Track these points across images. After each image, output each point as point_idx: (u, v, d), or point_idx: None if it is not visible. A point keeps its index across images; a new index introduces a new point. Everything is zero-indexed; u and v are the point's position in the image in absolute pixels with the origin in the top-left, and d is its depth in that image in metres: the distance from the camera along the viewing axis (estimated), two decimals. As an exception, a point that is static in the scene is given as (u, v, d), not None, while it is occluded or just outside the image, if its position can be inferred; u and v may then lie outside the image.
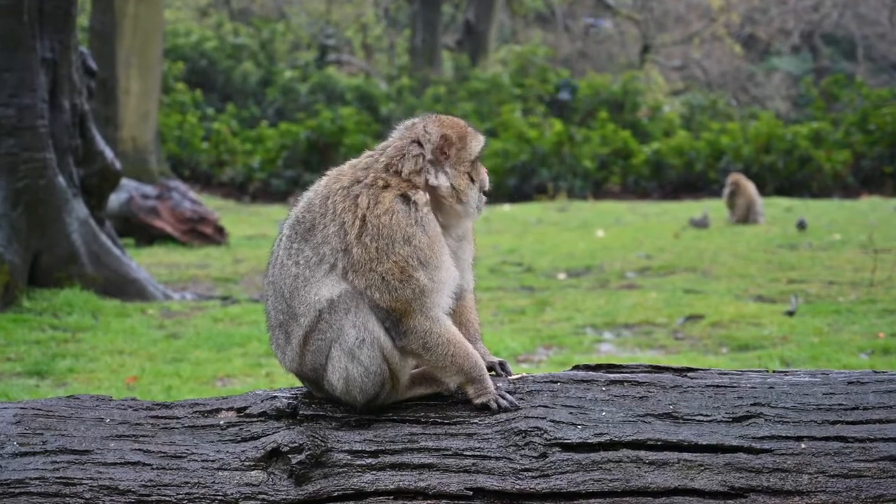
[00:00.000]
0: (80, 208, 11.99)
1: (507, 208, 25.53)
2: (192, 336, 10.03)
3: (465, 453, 3.54)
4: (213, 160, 30.84)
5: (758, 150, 29.59)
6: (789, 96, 45.36)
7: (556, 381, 3.73)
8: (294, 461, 3.54)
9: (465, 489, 3.48)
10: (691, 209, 22.89)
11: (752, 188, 20.17)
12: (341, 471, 3.56)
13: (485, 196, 3.84)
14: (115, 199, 16.19)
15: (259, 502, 3.52)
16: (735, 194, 19.96)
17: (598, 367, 3.82)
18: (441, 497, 3.48)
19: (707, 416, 3.56)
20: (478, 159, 3.83)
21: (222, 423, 3.72)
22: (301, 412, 3.71)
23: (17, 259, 11.19)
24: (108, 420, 3.75)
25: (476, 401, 3.66)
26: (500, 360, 3.90)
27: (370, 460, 3.56)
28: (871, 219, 19.72)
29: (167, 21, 34.02)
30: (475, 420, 3.63)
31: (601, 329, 10.41)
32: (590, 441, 3.51)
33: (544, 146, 29.65)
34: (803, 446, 3.46)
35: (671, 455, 3.47)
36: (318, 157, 29.57)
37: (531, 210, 25.20)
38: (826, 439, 3.48)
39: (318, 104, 34.03)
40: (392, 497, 3.50)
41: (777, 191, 28.12)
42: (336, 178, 3.77)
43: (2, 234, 11.15)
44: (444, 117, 3.80)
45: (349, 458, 3.57)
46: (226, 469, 3.58)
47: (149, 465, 3.59)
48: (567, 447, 3.51)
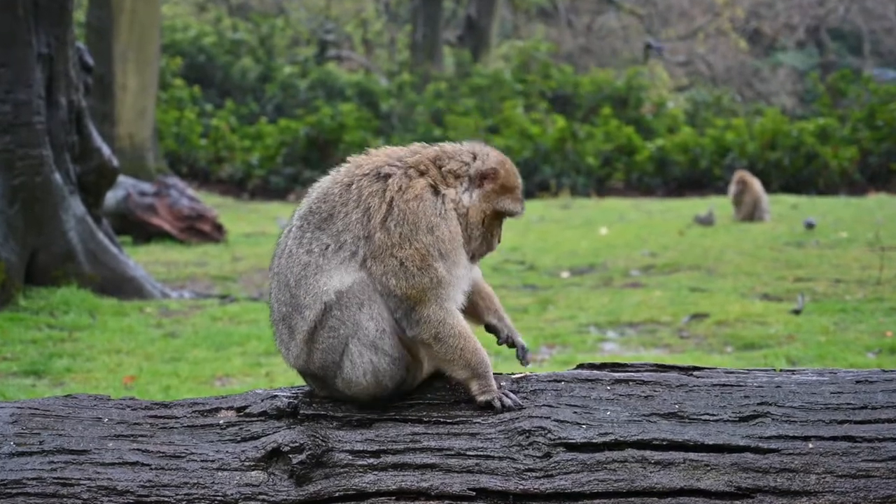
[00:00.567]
0: (76, 206, 11.94)
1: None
2: (190, 335, 9.99)
3: (468, 453, 3.51)
4: (212, 157, 30.75)
5: (763, 146, 29.51)
6: (795, 92, 45.30)
7: (560, 381, 3.70)
8: (295, 461, 3.51)
9: (468, 489, 3.46)
10: (696, 206, 22.83)
11: (758, 185, 20.14)
12: (343, 471, 3.53)
13: (485, 253, 3.87)
14: (112, 197, 16.13)
15: (259, 503, 3.50)
16: (742, 192, 19.90)
17: (602, 366, 3.80)
18: (444, 497, 3.46)
19: (713, 415, 3.54)
20: (502, 217, 3.85)
21: (222, 422, 3.69)
22: (302, 411, 3.69)
23: (14, 257, 11.14)
24: (106, 420, 3.72)
25: (479, 398, 3.64)
26: (522, 343, 3.92)
27: (372, 460, 3.54)
28: (878, 216, 19.65)
29: (165, 16, 33.98)
30: (478, 419, 3.60)
31: (605, 328, 10.37)
32: (594, 441, 3.49)
33: (547, 143, 29.60)
34: (811, 446, 3.43)
35: (677, 455, 3.45)
36: (318, 153, 29.50)
37: (533, 208, 25.15)
38: (834, 439, 3.45)
39: (317, 100, 33.94)
40: (394, 497, 3.48)
41: (783, 188, 28.03)
42: (357, 165, 3.78)
43: (-2, 232, 11.12)
44: (510, 163, 3.85)
45: (351, 458, 3.55)
46: (225, 469, 3.55)
47: (147, 465, 3.57)
48: (571, 447, 3.48)
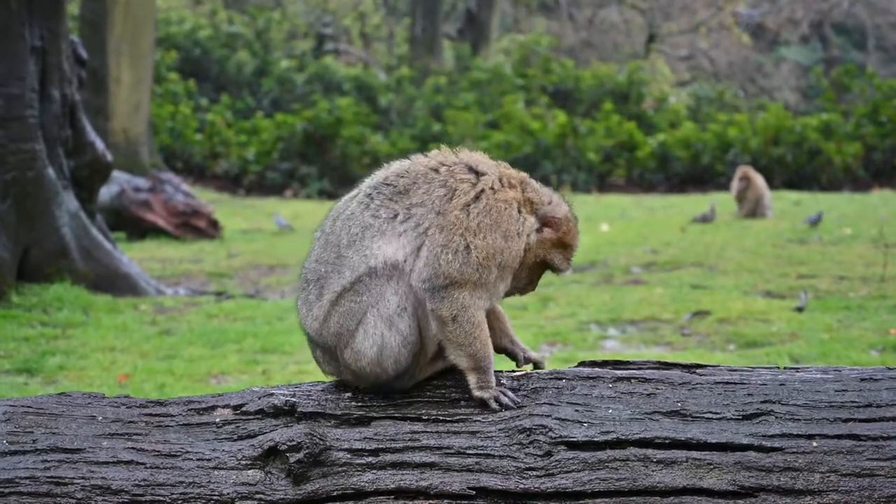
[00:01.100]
0: (70, 201, 11.88)
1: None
2: (185, 332, 9.96)
3: (467, 452, 3.48)
4: (207, 152, 30.66)
5: (766, 142, 29.46)
6: (798, 87, 45.26)
7: (561, 378, 3.67)
8: (292, 460, 3.48)
9: (468, 489, 3.42)
10: (698, 202, 22.81)
11: (761, 181, 20.12)
12: (340, 470, 3.50)
13: (514, 293, 3.84)
14: (105, 192, 16.08)
15: (256, 502, 3.47)
16: (745, 188, 19.87)
17: (604, 364, 3.76)
18: (443, 497, 3.43)
19: (716, 413, 3.50)
20: (546, 269, 3.81)
21: (218, 420, 3.66)
22: (299, 409, 3.65)
23: (6, 253, 11.10)
24: (100, 418, 3.68)
25: (476, 393, 3.61)
26: (537, 357, 3.89)
27: (370, 459, 3.50)
28: (882, 213, 19.62)
29: (159, 9, 33.80)
30: (478, 418, 3.57)
31: (606, 325, 10.35)
32: (596, 439, 3.45)
33: (547, 138, 29.57)
34: (815, 445, 3.40)
35: (679, 454, 3.41)
36: (315, 149, 29.42)
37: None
38: (838, 437, 3.42)
39: (314, 95, 33.82)
40: (393, 497, 3.45)
41: (786, 184, 28.00)
42: (445, 155, 3.78)
43: (-10, 227, 11.07)
44: (575, 223, 3.81)
45: (349, 456, 3.51)
46: (222, 468, 3.52)
47: (142, 464, 3.53)
48: (573, 446, 3.45)
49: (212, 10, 42.98)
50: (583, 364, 3.77)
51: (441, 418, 3.58)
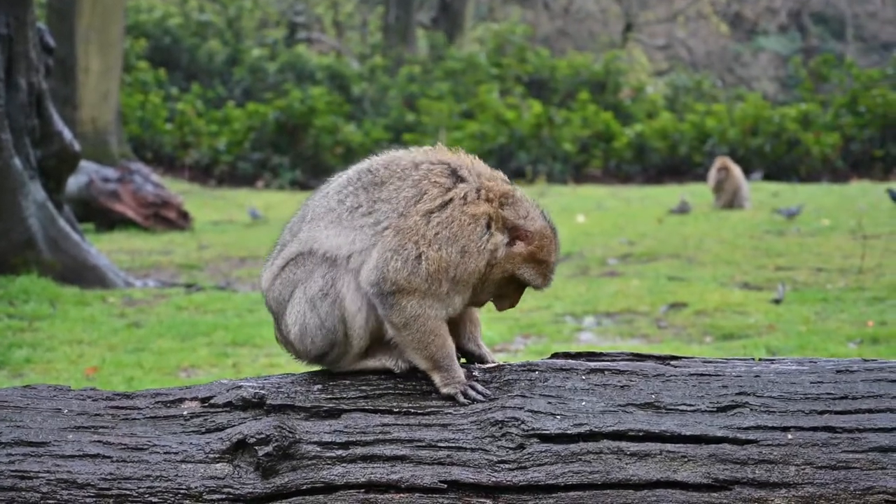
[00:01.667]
0: (37, 191, 11.76)
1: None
2: (154, 325, 9.89)
3: (439, 445, 3.45)
4: (177, 142, 30.44)
5: (744, 132, 29.54)
6: (777, 77, 45.40)
7: (533, 370, 3.63)
8: (261, 453, 3.44)
9: (440, 482, 3.39)
10: (675, 194, 22.85)
11: (738, 172, 20.16)
12: (310, 463, 3.47)
13: (476, 304, 3.71)
14: (73, 182, 15.93)
15: (224, 496, 3.43)
16: (724, 179, 19.89)
17: (577, 355, 3.73)
18: (414, 490, 3.40)
19: (690, 405, 3.48)
20: (514, 283, 3.64)
21: (186, 413, 3.62)
22: (268, 402, 3.61)
23: (-29, 245, 10.99)
24: (65, 411, 3.64)
25: (443, 390, 3.58)
26: (499, 364, 3.75)
27: (340, 452, 3.47)
28: (860, 204, 19.69)
29: (129, -4, 33.58)
30: (450, 410, 3.54)
31: (581, 317, 10.33)
32: (569, 432, 3.42)
33: (523, 128, 29.53)
34: (790, 437, 3.38)
35: (653, 446, 3.39)
36: (287, 138, 29.28)
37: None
38: (814, 429, 3.40)
39: (287, 84, 33.63)
40: (363, 490, 3.42)
41: (764, 175, 28.04)
42: (436, 152, 3.72)
43: (-46, 218, 10.95)
44: (553, 238, 3.64)
45: (318, 449, 3.48)
46: (189, 461, 3.49)
47: (109, 457, 3.50)
48: (545, 438, 3.42)
49: (182, -2, 42.67)
50: (556, 356, 3.74)
51: (412, 411, 3.55)
